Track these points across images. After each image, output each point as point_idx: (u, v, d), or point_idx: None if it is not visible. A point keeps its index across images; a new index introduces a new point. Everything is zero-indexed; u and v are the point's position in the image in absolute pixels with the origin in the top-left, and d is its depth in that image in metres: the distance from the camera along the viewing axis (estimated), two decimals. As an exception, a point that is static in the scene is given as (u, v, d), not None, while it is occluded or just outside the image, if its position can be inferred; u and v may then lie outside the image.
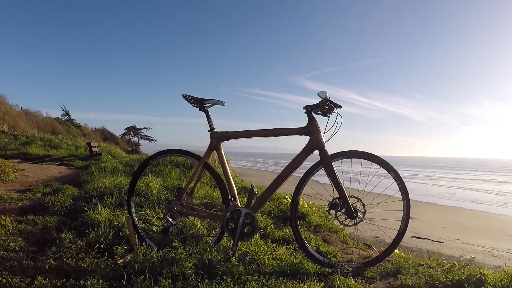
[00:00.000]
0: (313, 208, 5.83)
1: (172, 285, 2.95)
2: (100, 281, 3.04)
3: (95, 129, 54.14)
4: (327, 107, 3.53)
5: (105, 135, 52.89)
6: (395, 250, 3.68)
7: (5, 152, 18.63)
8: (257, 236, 4.14)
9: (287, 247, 4.02)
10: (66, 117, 49.31)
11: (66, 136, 31.98)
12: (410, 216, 3.51)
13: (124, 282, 2.98)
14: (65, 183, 8.47)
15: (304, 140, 3.67)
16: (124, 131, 69.35)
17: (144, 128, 70.11)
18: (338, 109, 3.60)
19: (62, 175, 11.04)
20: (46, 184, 8.57)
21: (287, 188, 4.56)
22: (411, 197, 3.52)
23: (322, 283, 2.94)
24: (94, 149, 18.63)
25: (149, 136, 68.80)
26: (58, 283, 3.02)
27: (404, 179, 3.51)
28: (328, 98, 3.49)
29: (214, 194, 5.76)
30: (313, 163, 3.63)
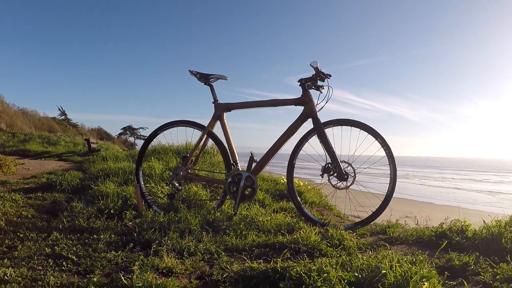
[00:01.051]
0: (309, 187, 6.09)
1: (179, 238, 3.20)
2: (112, 236, 3.30)
3: (92, 129, 54.20)
4: (319, 77, 3.83)
5: (102, 135, 52.90)
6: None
7: (3, 149, 18.74)
8: (257, 204, 4.41)
9: (284, 214, 4.29)
10: (62, 117, 49.39)
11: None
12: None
13: (135, 235, 3.23)
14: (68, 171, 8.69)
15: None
16: (121, 131, 69.33)
17: (140, 128, 70.05)
18: (328, 80, 3.89)
19: (62, 169, 11.23)
20: (49, 172, 8.80)
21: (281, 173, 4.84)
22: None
23: (317, 230, 3.21)
24: (92, 145, 18.77)
25: (146, 136, 68.16)
26: (72, 237, 3.29)
27: (391, 149, 3.81)
28: (319, 68, 3.79)
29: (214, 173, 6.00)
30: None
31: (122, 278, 2.17)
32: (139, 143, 66.13)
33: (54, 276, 2.42)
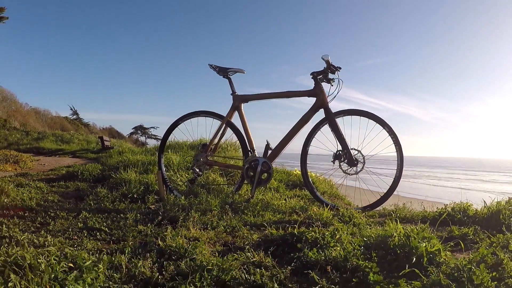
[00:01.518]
0: (320, 178, 6.33)
1: (201, 216, 3.46)
2: (138, 215, 3.56)
3: (103, 128, 54.59)
4: (330, 70, 4.09)
5: (113, 134, 53.21)
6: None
7: (17, 147, 19.16)
8: (272, 191, 4.67)
9: (297, 199, 4.54)
10: (74, 116, 49.91)
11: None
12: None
13: (161, 213, 3.50)
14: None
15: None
16: (132, 130, 69.45)
17: (151, 127, 70.11)
18: (338, 72, 4.15)
19: (78, 164, 11.49)
20: (67, 166, 9.10)
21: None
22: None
23: (328, 208, 3.46)
24: (106, 143, 19.12)
25: (157, 136, 68.00)
26: (101, 216, 3.55)
27: (398, 136, 4.05)
28: (330, 61, 4.04)
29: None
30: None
31: (158, 240, 2.43)
32: (150, 142, 66.15)
33: (90, 243, 2.68)
